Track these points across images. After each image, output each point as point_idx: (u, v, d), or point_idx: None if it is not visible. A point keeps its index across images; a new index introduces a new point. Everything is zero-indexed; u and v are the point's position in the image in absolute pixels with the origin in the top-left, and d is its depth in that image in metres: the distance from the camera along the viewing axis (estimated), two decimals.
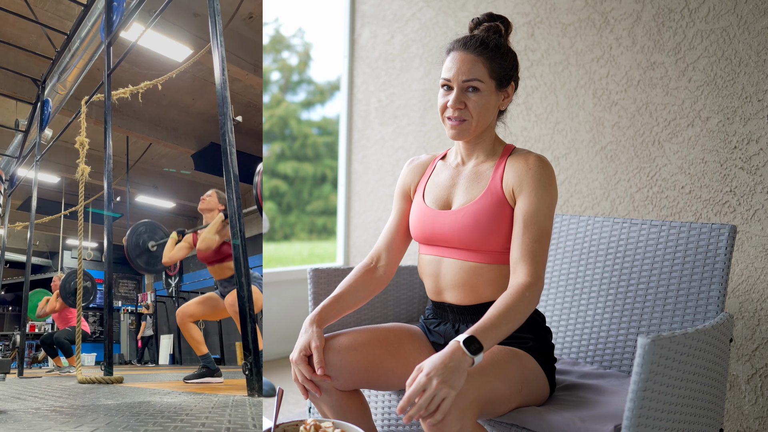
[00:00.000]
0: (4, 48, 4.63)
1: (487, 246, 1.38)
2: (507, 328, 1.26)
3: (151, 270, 4.14)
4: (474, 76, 1.37)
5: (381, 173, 3.33)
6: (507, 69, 1.41)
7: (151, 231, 4.09)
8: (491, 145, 1.47)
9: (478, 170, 1.46)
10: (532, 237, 1.35)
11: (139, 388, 2.84)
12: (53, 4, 4.33)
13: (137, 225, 4.02)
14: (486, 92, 1.39)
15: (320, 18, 4.13)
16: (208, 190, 3.27)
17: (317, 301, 1.79)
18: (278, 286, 3.42)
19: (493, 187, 1.41)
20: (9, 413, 1.75)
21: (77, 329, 3.75)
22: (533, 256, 1.34)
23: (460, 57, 1.39)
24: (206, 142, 6.25)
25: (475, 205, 1.40)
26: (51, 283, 5.49)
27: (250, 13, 4.35)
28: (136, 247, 3.98)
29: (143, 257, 4.02)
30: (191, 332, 3.14)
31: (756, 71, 2.06)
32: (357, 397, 1.48)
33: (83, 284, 5.17)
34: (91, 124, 4.33)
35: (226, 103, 2.31)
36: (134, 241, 3.97)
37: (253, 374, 2.06)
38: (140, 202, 7.75)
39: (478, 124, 1.40)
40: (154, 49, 4.30)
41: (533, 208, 1.36)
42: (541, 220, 1.36)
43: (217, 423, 1.40)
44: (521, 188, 1.38)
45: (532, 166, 1.38)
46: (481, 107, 1.38)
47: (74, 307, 5.02)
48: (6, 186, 5.77)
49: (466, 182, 1.46)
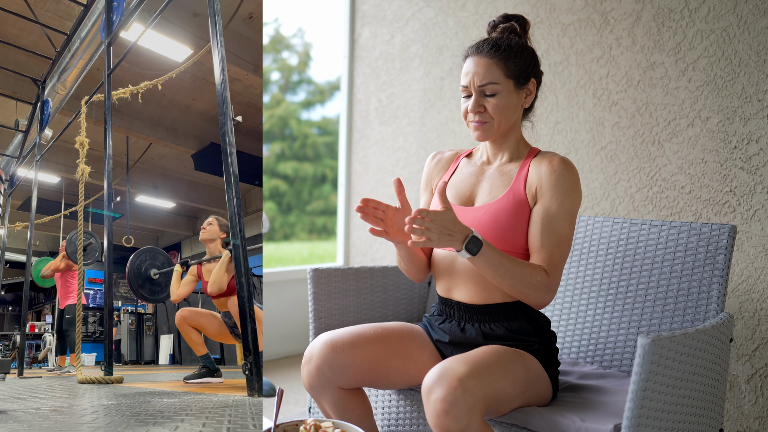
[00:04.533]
0: (4, 48, 4.63)
1: (504, 246, 1.39)
2: (505, 272, 1.31)
3: (156, 300, 4.12)
4: (488, 80, 1.38)
5: (381, 173, 3.33)
6: (524, 67, 1.41)
7: (152, 258, 4.06)
8: (516, 144, 1.48)
9: (503, 170, 1.47)
10: (552, 242, 1.36)
11: (139, 388, 2.85)
12: (53, 4, 4.33)
13: (138, 253, 3.99)
14: (504, 93, 1.39)
15: (320, 18, 4.13)
16: (209, 217, 3.25)
17: (317, 301, 1.79)
18: (278, 286, 3.42)
19: (516, 187, 1.41)
20: (9, 413, 1.75)
21: (77, 306, 3.74)
22: (552, 263, 1.36)
23: (474, 62, 1.40)
24: (206, 142, 6.25)
25: (497, 204, 1.41)
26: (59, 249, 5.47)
27: (250, 13, 4.36)
28: (137, 276, 3.95)
29: (146, 287, 4.00)
30: (190, 334, 3.14)
31: (756, 71, 2.06)
32: (359, 396, 1.48)
33: (86, 241, 5.15)
34: (91, 124, 4.33)
35: (226, 103, 2.31)
36: (135, 270, 3.93)
37: (253, 374, 2.06)
38: (140, 202, 7.75)
39: (501, 124, 1.41)
40: (154, 49, 4.30)
41: (553, 212, 1.36)
42: (560, 225, 1.36)
43: (217, 423, 1.40)
44: (543, 191, 1.38)
45: (557, 169, 1.38)
46: (501, 108, 1.39)
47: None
48: (6, 186, 5.77)
49: (490, 181, 1.47)
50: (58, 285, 5.28)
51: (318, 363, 1.41)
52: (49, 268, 5.32)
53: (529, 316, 1.43)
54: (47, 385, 3.42)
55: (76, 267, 4.95)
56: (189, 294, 3.25)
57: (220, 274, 2.96)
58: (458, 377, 1.19)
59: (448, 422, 1.17)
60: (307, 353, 1.45)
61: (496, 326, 1.42)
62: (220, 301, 3.10)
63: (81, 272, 3.79)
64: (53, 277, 5.36)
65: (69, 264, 5.14)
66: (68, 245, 5.10)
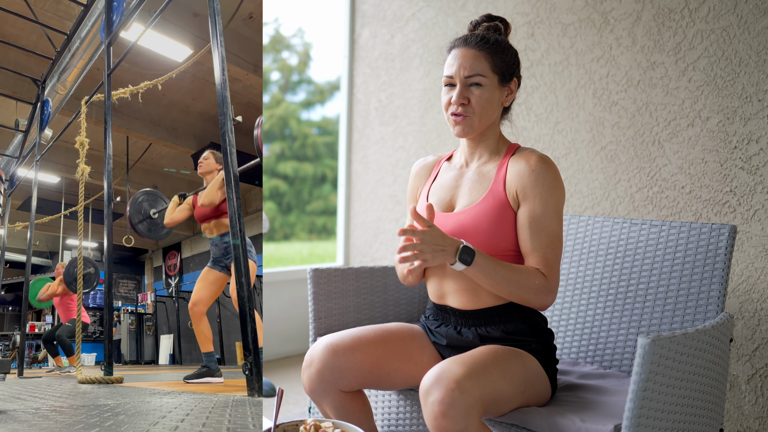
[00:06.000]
0: (4, 48, 4.63)
1: (490, 249, 1.37)
2: (501, 279, 1.31)
3: (153, 236, 4.15)
4: (476, 71, 1.37)
5: (381, 173, 3.33)
6: (509, 64, 1.41)
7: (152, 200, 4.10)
8: (495, 143, 1.46)
9: (482, 171, 1.45)
10: (543, 243, 1.35)
11: (139, 388, 2.84)
12: (53, 4, 4.34)
13: (138, 194, 4.03)
14: (489, 87, 1.38)
15: (320, 18, 4.13)
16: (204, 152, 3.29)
17: (317, 301, 1.79)
18: (278, 286, 3.42)
19: (495, 189, 1.40)
20: (9, 413, 1.75)
21: (77, 321, 3.74)
22: (547, 265, 1.35)
23: (461, 53, 1.39)
24: (206, 142, 6.25)
25: (477, 208, 1.40)
26: (54, 272, 5.50)
27: (250, 13, 4.36)
28: (137, 213, 3.99)
29: (144, 223, 4.03)
30: (203, 328, 3.13)
31: (756, 71, 2.06)
32: (360, 398, 1.48)
33: (85, 270, 5.19)
34: (91, 124, 4.33)
35: (226, 103, 2.31)
36: (135, 208, 3.98)
37: (253, 374, 2.06)
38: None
39: (482, 119, 1.39)
40: (154, 49, 4.31)
41: (539, 213, 1.35)
42: (549, 224, 1.35)
43: (217, 423, 1.40)
44: (525, 193, 1.36)
45: (535, 168, 1.36)
46: (485, 102, 1.38)
47: (76, 292, 5.02)
48: (6, 186, 5.77)
49: (469, 184, 1.45)
50: (58, 308, 5.32)
51: (319, 367, 1.41)
52: (45, 292, 5.34)
53: (525, 316, 1.42)
54: (47, 385, 3.42)
55: (75, 296, 5.01)
56: (183, 220, 3.30)
57: (213, 190, 3.05)
58: (455, 379, 1.18)
59: (446, 424, 1.16)
60: (307, 357, 1.44)
61: (493, 329, 1.42)
62: (209, 226, 3.14)
63: (80, 300, 3.80)
64: (50, 300, 5.41)
65: (66, 290, 5.17)
66: (67, 274, 5.11)
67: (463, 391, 1.17)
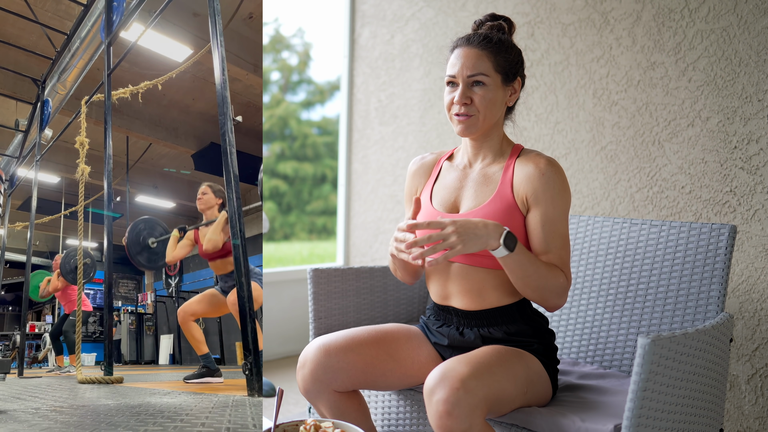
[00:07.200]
0: (4, 48, 4.63)
1: None
2: (533, 272, 1.30)
3: (152, 267, 4.14)
4: (479, 70, 1.36)
5: (381, 173, 3.33)
6: (512, 63, 1.40)
7: (150, 228, 4.09)
8: (499, 144, 1.45)
9: (487, 172, 1.44)
10: (558, 245, 1.36)
11: (139, 388, 2.84)
12: (53, 4, 4.33)
13: (136, 222, 4.02)
14: (492, 86, 1.37)
15: (320, 18, 4.13)
16: (201, 186, 3.27)
17: (317, 301, 1.79)
18: (278, 286, 3.42)
19: (502, 191, 1.39)
20: (9, 413, 1.75)
21: (78, 312, 3.75)
22: (564, 266, 1.37)
23: (464, 52, 1.38)
24: (206, 142, 6.25)
25: (484, 210, 1.38)
26: (52, 265, 5.53)
27: (250, 13, 4.35)
28: (136, 244, 3.98)
29: (144, 254, 4.02)
30: (192, 331, 3.14)
31: (756, 71, 2.06)
32: (356, 398, 1.48)
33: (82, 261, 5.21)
34: (91, 124, 4.33)
35: (226, 103, 2.31)
36: (134, 238, 3.97)
37: (253, 374, 2.06)
38: (140, 202, 7.75)
39: (486, 119, 1.38)
40: (154, 49, 4.30)
41: (551, 215, 1.35)
42: (560, 227, 1.37)
43: (217, 423, 1.40)
44: (536, 196, 1.36)
45: (545, 172, 1.35)
46: (488, 101, 1.36)
47: (75, 284, 5.05)
48: (6, 186, 5.78)
49: (474, 185, 1.44)
50: (61, 300, 5.37)
51: (312, 367, 1.41)
52: (46, 288, 5.38)
53: (527, 318, 1.43)
54: (47, 385, 3.42)
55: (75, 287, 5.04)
56: (184, 257, 3.28)
57: (216, 232, 3.02)
58: (460, 378, 1.18)
59: (451, 423, 1.16)
60: (301, 358, 1.45)
61: (495, 330, 1.42)
62: (216, 264, 3.13)
63: (81, 289, 3.80)
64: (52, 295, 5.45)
65: (65, 282, 5.20)
66: (63, 265, 5.13)
67: (467, 391, 1.17)
